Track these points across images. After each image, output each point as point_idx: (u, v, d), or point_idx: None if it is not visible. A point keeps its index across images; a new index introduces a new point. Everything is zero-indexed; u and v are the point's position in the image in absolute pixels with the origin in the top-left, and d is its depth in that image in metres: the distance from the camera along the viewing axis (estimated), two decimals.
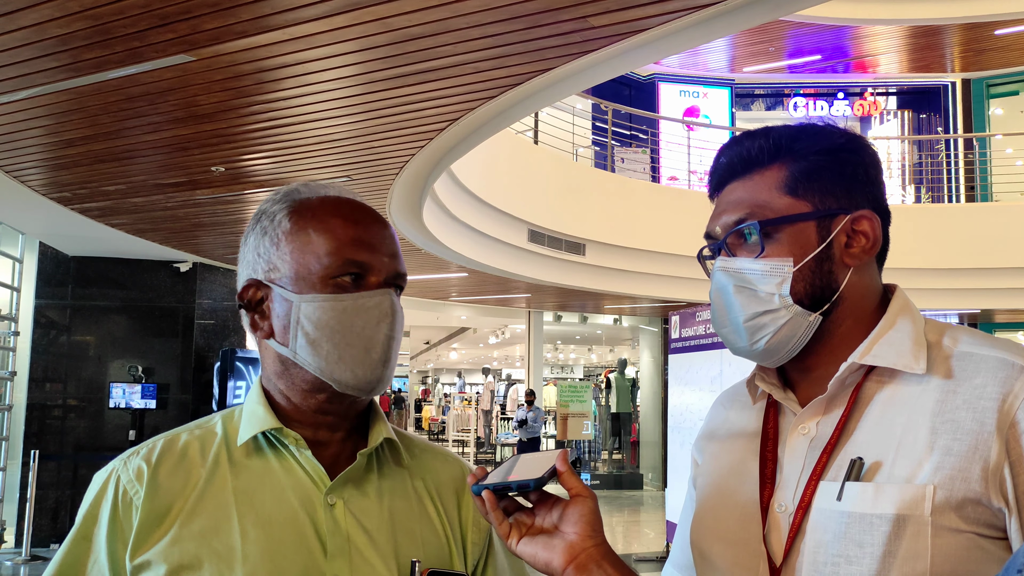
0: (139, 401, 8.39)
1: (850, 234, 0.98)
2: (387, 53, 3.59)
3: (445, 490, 1.10)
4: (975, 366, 0.91)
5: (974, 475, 0.85)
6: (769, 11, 3.43)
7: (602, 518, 0.92)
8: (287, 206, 1.03)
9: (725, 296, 0.99)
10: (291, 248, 1.00)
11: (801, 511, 0.92)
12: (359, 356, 0.98)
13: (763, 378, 1.04)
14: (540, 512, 0.92)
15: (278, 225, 1.02)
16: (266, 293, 1.02)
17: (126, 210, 6.46)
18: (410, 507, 1.05)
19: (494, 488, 0.91)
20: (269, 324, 1.01)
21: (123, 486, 0.97)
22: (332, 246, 0.99)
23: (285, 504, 0.97)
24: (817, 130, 1.01)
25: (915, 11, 11.97)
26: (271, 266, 1.01)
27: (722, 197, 1.04)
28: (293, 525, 0.96)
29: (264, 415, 1.00)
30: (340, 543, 0.96)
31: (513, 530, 0.91)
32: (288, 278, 1.00)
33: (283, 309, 1.00)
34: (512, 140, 9.08)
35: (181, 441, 1.01)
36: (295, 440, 1.00)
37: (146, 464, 0.98)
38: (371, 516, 1.00)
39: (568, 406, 13.72)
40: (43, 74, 3.76)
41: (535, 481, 0.88)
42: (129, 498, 0.96)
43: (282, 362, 1.01)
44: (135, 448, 1.02)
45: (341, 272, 0.98)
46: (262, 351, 1.05)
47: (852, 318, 0.98)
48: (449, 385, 32.80)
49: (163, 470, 0.98)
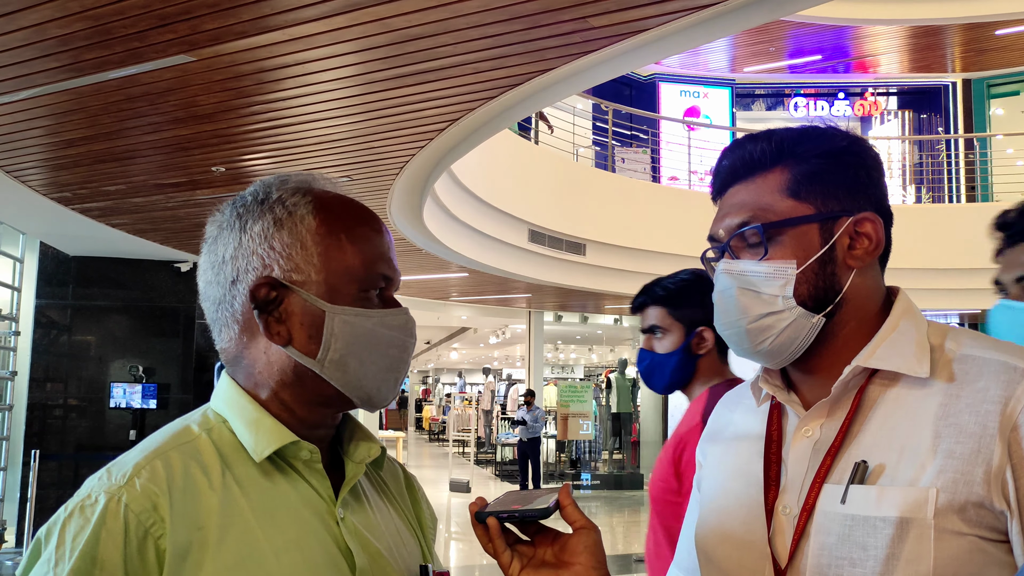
0: (140, 401, 8.39)
1: (853, 236, 0.98)
2: (387, 53, 3.59)
3: (398, 485, 1.11)
4: (978, 369, 0.91)
5: (977, 478, 0.86)
6: (769, 11, 3.43)
7: (601, 531, 0.94)
8: (310, 200, 0.95)
9: (729, 298, 1.00)
10: (320, 251, 0.93)
11: (805, 514, 0.93)
12: (383, 374, 0.95)
13: (767, 380, 1.04)
14: (540, 544, 0.93)
15: (300, 220, 0.94)
16: (283, 295, 0.93)
17: (127, 210, 6.46)
18: (389, 511, 1.05)
19: (499, 516, 0.91)
20: (287, 329, 0.92)
21: (135, 516, 0.82)
22: (367, 258, 0.95)
23: (305, 522, 0.90)
24: (819, 133, 1.01)
25: (916, 11, 11.97)
26: (293, 266, 0.93)
27: (725, 200, 1.04)
28: (320, 543, 0.90)
29: (274, 427, 0.92)
30: (364, 557, 0.93)
31: (515, 560, 0.92)
32: (317, 284, 0.93)
33: (310, 317, 0.92)
34: (512, 140, 9.08)
35: (175, 460, 0.88)
36: (310, 453, 0.93)
37: (157, 489, 0.84)
38: (372, 526, 0.98)
39: (568, 406, 13.72)
40: (44, 74, 3.76)
41: (541, 511, 0.89)
42: (144, 530, 0.82)
43: (296, 372, 0.93)
44: (120, 469, 0.86)
45: (374, 286, 0.95)
46: (256, 356, 0.95)
47: (855, 320, 0.98)
48: (450, 385, 32.82)
49: (176, 496, 0.84)
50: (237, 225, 0.95)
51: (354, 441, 1.01)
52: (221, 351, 0.99)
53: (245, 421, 0.93)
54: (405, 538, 1.03)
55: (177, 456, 0.88)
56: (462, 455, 20.01)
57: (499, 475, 15.69)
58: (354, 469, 0.98)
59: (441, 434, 26.26)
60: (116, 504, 0.82)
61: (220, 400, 0.97)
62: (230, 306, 0.95)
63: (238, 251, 0.94)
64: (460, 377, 33.09)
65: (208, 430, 0.93)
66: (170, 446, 0.89)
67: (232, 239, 0.95)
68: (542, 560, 0.92)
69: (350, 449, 1.00)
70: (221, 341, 0.98)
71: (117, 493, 0.83)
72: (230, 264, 0.94)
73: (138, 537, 0.81)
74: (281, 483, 0.91)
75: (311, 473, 0.93)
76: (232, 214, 0.97)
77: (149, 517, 0.82)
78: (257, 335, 0.94)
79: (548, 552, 0.92)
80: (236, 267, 0.94)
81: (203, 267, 0.98)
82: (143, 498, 0.83)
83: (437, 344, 25.35)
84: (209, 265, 0.97)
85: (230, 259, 0.95)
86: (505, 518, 0.91)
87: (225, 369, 0.99)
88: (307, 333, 0.92)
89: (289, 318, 0.92)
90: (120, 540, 0.81)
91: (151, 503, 0.83)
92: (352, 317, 0.92)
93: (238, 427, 0.93)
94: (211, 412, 0.96)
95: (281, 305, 0.93)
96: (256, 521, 0.87)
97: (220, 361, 1.02)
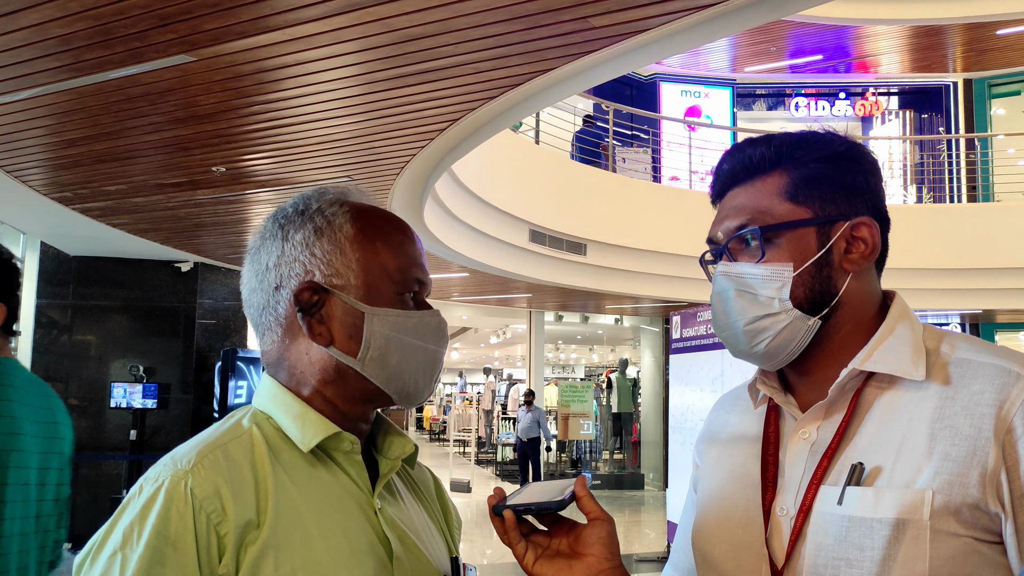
0: (140, 401, 8.38)
1: (849, 240, 0.99)
2: (388, 53, 3.59)
3: (427, 485, 1.17)
4: (973, 373, 0.92)
5: (972, 480, 0.87)
6: (770, 11, 3.43)
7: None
8: (347, 209, 1.02)
9: (726, 300, 1.01)
10: (358, 257, 1.00)
11: (802, 515, 0.94)
12: (420, 371, 1.01)
13: (764, 381, 1.05)
14: (556, 535, 0.95)
15: (339, 229, 1.00)
16: (324, 298, 0.99)
17: (127, 210, 6.46)
18: (419, 508, 1.10)
19: (515, 509, 0.93)
20: (328, 331, 0.98)
21: (199, 502, 0.86)
22: (403, 263, 1.01)
23: (347, 510, 0.96)
24: (818, 138, 1.03)
25: (917, 11, 11.97)
26: (333, 271, 0.99)
27: (724, 203, 1.06)
28: (361, 530, 0.95)
29: (319, 420, 0.98)
30: (402, 548, 0.98)
31: (529, 551, 0.94)
32: (356, 287, 0.99)
33: (350, 319, 0.98)
34: (513, 140, 9.08)
35: (234, 451, 0.93)
36: (351, 444, 0.98)
37: (219, 477, 0.88)
38: (405, 519, 1.03)
39: (569, 406, 13.72)
40: (44, 74, 3.77)
41: (557, 503, 0.91)
42: (206, 515, 0.86)
43: (338, 371, 0.98)
44: (185, 456, 0.91)
45: (408, 289, 1.01)
46: (298, 356, 1.00)
47: (851, 323, 1.00)
48: (450, 385, 32.81)
49: (236, 483, 0.89)
50: (280, 235, 1.01)
51: (388, 439, 1.07)
52: (263, 354, 1.05)
53: (291, 415, 0.98)
54: (434, 534, 1.09)
55: (235, 447, 0.93)
56: (463, 455, 20.01)
57: (500, 475, 15.69)
58: (389, 465, 1.04)
59: (442, 434, 26.26)
60: (184, 488, 0.87)
61: (264, 398, 1.02)
62: (274, 311, 1.01)
63: (281, 259, 1.00)
64: (461, 377, 33.10)
65: (256, 424, 0.98)
66: (227, 438, 0.94)
67: (275, 248, 1.01)
68: (557, 550, 0.94)
69: (384, 447, 1.07)
70: (264, 344, 1.04)
71: (184, 478, 0.88)
72: (274, 271, 1.01)
73: (204, 521, 0.86)
74: (324, 474, 0.97)
75: (351, 464, 0.99)
76: (274, 225, 1.03)
77: (212, 503, 0.87)
78: (299, 337, 1.00)
79: (563, 542, 0.94)
80: (279, 274, 1.00)
81: (247, 276, 1.04)
82: (207, 484, 0.87)
83: None
84: (253, 274, 1.03)
85: (273, 267, 1.01)
86: (522, 511, 0.93)
87: (266, 370, 1.05)
88: (347, 333, 0.98)
89: (330, 320, 0.99)
90: (190, 522, 0.86)
91: (214, 489, 0.87)
92: (389, 317, 0.98)
93: (284, 421, 0.98)
94: (255, 410, 1.01)
95: (323, 308, 0.99)
96: (305, 507, 0.92)
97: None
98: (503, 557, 8.23)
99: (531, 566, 0.93)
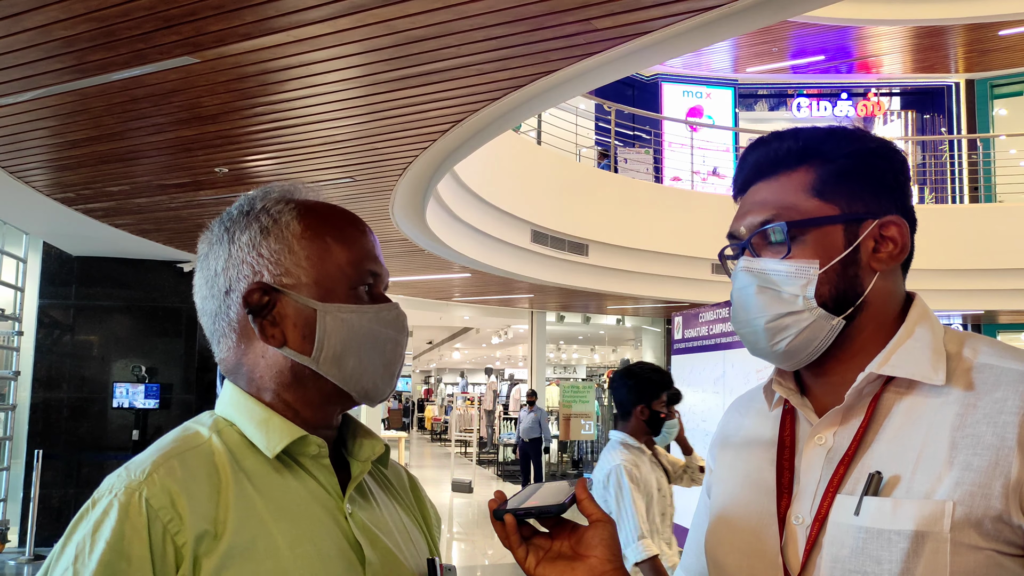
0: (142, 401, 8.39)
1: (878, 239, 0.97)
2: (391, 55, 3.59)
3: (401, 484, 1.14)
4: (995, 378, 0.89)
5: (995, 491, 0.84)
6: (774, 13, 3.42)
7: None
8: (293, 207, 0.99)
9: (747, 296, 0.98)
10: (307, 254, 0.97)
11: (818, 524, 0.92)
12: (378, 367, 0.99)
13: (780, 383, 1.03)
14: (557, 537, 0.93)
15: (286, 227, 0.98)
16: (275, 298, 0.96)
17: (130, 211, 6.47)
18: (395, 508, 1.07)
19: (516, 514, 0.92)
20: (281, 332, 0.96)
21: (155, 511, 0.84)
22: (353, 256, 0.99)
23: (315, 517, 0.93)
24: (847, 133, 1.00)
25: (919, 12, 11.95)
26: (282, 270, 0.96)
27: (747, 197, 1.03)
28: (330, 537, 0.93)
29: (284, 424, 0.95)
30: (374, 552, 0.95)
31: (530, 554, 0.92)
32: (307, 286, 0.96)
33: (303, 318, 0.95)
34: (515, 141, 9.08)
35: (191, 459, 0.90)
36: (319, 448, 0.96)
37: (175, 486, 0.86)
38: (379, 522, 1.00)
39: (571, 406, 13.72)
40: (48, 75, 3.77)
41: (557, 507, 0.90)
42: (162, 525, 0.84)
43: (295, 372, 0.96)
44: (138, 466, 0.87)
45: (362, 283, 0.99)
46: (255, 361, 0.97)
47: (874, 324, 0.97)
48: (452, 385, 32.82)
49: (193, 493, 0.86)
50: (226, 238, 0.99)
51: (357, 440, 1.04)
52: (220, 361, 1.02)
53: (255, 421, 0.96)
54: (413, 534, 1.06)
55: (192, 456, 0.90)
56: (464, 455, 20.01)
57: (501, 475, 15.69)
58: (359, 467, 1.01)
59: (443, 434, 26.26)
60: (138, 499, 0.84)
61: (226, 405, 0.99)
62: (226, 316, 0.99)
63: (228, 262, 0.98)
64: (462, 377, 33.10)
65: (217, 432, 0.95)
66: (184, 447, 0.92)
67: (222, 252, 0.99)
68: (558, 553, 0.92)
69: (354, 448, 1.04)
70: (220, 352, 1.01)
71: (138, 488, 0.85)
72: (222, 276, 0.99)
73: (160, 531, 0.84)
74: (290, 480, 0.94)
75: (318, 469, 0.96)
76: (220, 228, 1.01)
77: (167, 513, 0.84)
78: (254, 341, 0.97)
79: (565, 545, 0.92)
80: (228, 277, 0.98)
81: (198, 283, 1.03)
82: (162, 494, 0.85)
83: (439, 344, 25.36)
84: (203, 280, 1.01)
85: (222, 271, 0.99)
86: (522, 515, 0.92)
87: (227, 378, 1.02)
88: (301, 333, 0.96)
89: (283, 320, 0.96)
90: (145, 534, 0.83)
91: (169, 499, 0.85)
92: (343, 314, 0.96)
93: (247, 428, 0.96)
94: (216, 417, 0.98)
95: (274, 309, 0.96)
96: (269, 516, 0.90)
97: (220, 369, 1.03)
98: (504, 558, 8.22)
99: (532, 569, 0.92)
